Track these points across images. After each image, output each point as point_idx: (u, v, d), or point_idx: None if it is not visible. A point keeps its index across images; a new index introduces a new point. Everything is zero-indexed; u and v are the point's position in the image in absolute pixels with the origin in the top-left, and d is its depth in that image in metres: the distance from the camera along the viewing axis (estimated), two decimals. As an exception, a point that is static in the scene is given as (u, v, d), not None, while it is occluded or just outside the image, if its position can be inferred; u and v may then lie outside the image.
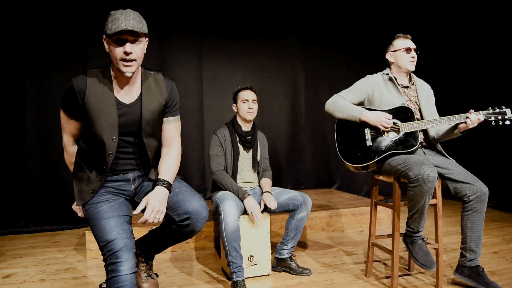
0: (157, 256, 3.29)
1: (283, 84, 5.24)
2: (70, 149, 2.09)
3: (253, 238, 2.95)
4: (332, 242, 3.84)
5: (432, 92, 2.86)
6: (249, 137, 3.10)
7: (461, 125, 2.56)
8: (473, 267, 2.59)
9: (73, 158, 2.07)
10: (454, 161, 2.68)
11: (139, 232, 2.64)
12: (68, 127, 2.03)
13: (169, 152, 2.10)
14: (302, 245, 3.78)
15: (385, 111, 2.68)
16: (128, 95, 1.96)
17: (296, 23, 5.22)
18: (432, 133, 2.73)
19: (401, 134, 2.62)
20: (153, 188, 1.97)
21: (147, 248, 2.13)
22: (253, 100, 3.06)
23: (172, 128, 2.09)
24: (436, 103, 2.86)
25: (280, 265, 3.08)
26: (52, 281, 3.00)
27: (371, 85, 2.78)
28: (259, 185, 3.20)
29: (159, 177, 2.00)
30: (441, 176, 2.62)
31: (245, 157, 3.11)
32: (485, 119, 2.49)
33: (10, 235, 4.25)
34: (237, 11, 4.98)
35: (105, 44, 1.88)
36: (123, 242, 1.78)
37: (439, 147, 2.77)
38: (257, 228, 2.95)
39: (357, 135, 2.71)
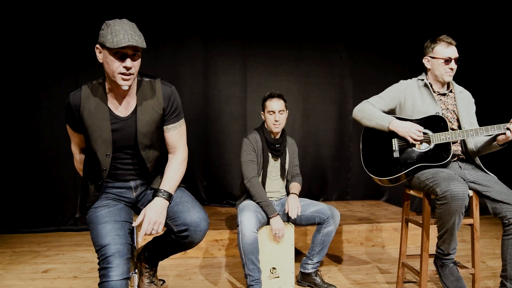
0: (186, 262, 3.37)
1: (330, 91, 5.07)
2: (78, 156, 2.12)
3: (276, 250, 2.86)
4: (369, 258, 3.62)
5: (472, 100, 2.60)
6: (278, 145, 2.99)
7: (501, 137, 2.28)
8: None
9: (81, 165, 2.10)
10: (495, 177, 2.40)
11: (147, 238, 2.64)
12: (74, 139, 2.04)
13: (173, 159, 2.03)
14: (336, 259, 3.61)
15: (416, 120, 2.46)
16: (123, 107, 1.90)
17: (344, 29, 5.03)
18: (471, 145, 2.46)
19: (431, 146, 2.40)
20: (153, 198, 1.94)
21: (150, 255, 2.12)
22: (280, 111, 2.93)
23: (173, 135, 2.01)
24: (478, 113, 2.59)
25: (304, 279, 2.95)
26: (83, 279, 3.11)
27: (404, 91, 2.58)
28: (287, 194, 3.08)
29: (160, 187, 1.95)
30: (479, 194, 2.36)
31: (273, 165, 3.02)
32: None
33: (59, 232, 4.49)
34: (283, 17, 4.91)
35: (99, 55, 1.79)
36: (116, 248, 1.78)
37: (478, 161, 2.49)
38: (281, 240, 2.85)
39: (384, 145, 2.53)
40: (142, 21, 4.51)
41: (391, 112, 2.64)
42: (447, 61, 2.44)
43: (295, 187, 3.03)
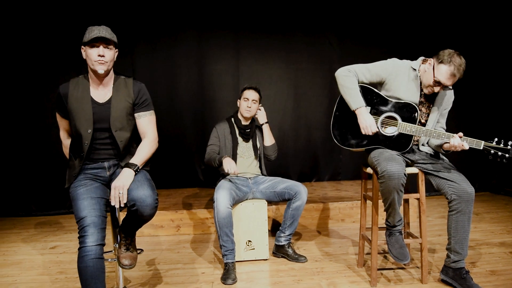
0: (179, 238, 3.81)
1: (320, 76, 5.28)
2: (65, 141, 2.53)
3: (251, 225, 3.17)
4: (348, 233, 3.90)
5: (452, 99, 2.64)
6: (248, 130, 3.33)
7: (446, 145, 2.45)
8: (456, 269, 2.53)
9: (67, 149, 2.48)
10: (447, 160, 2.63)
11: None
12: (62, 124, 2.47)
13: (143, 142, 2.41)
14: (316, 234, 3.90)
15: (391, 101, 2.59)
16: (102, 96, 2.32)
17: (333, 19, 5.22)
18: (423, 138, 2.66)
19: (396, 132, 2.59)
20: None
21: (123, 227, 2.45)
22: (253, 100, 3.25)
23: (143, 122, 2.41)
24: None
25: (278, 251, 3.26)
26: (84, 253, 3.48)
27: (392, 73, 2.57)
28: (262, 174, 3.37)
29: (130, 161, 2.35)
30: (425, 172, 2.60)
31: (244, 146, 3.34)
32: (483, 149, 2.39)
33: (70, 214, 4.86)
34: (273, 8, 5.13)
35: (83, 53, 2.26)
36: (91, 219, 2.12)
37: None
38: (256, 215, 3.15)
39: (355, 117, 2.63)
40: (140, 16, 4.89)
41: (373, 84, 2.66)
42: (437, 83, 2.45)
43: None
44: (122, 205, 2.23)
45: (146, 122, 2.44)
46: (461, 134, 2.37)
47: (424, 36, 5.21)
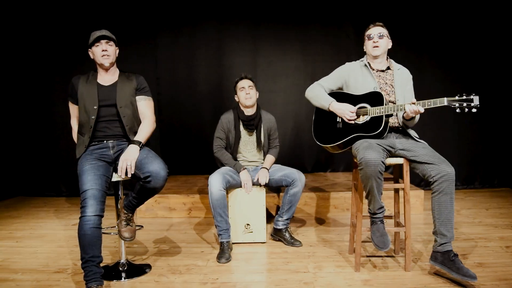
0: (189, 220, 4.06)
1: (336, 67, 5.30)
2: (75, 127, 2.86)
3: (250, 209, 3.34)
4: (351, 222, 3.98)
5: (410, 77, 2.90)
6: (252, 120, 3.43)
7: (404, 114, 2.64)
8: (444, 253, 2.55)
9: (76, 134, 2.80)
10: (426, 144, 2.71)
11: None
12: (73, 111, 2.83)
13: (143, 123, 2.73)
14: (318, 222, 4.03)
15: (358, 95, 2.82)
16: (107, 81, 2.73)
17: (351, 10, 5.27)
18: (401, 118, 2.78)
19: (368, 118, 2.75)
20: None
21: (127, 203, 2.69)
22: (249, 86, 3.39)
23: (142, 105, 2.76)
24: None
25: (276, 234, 3.43)
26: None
27: (348, 71, 2.94)
28: (262, 163, 3.53)
29: (134, 138, 2.68)
30: (408, 159, 2.68)
31: (248, 139, 3.47)
32: (449, 105, 2.48)
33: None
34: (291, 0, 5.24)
35: (90, 54, 2.72)
36: (92, 192, 2.40)
37: (411, 131, 2.81)
38: (254, 200, 3.33)
39: (331, 117, 2.92)
40: (162, 7, 5.13)
41: (339, 89, 3.02)
42: (369, 38, 2.84)
43: (268, 160, 3.48)
44: (129, 176, 2.53)
45: (145, 105, 2.78)
46: (414, 100, 2.55)
47: (439, 28, 5.17)
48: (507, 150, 5.28)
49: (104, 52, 2.63)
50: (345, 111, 2.79)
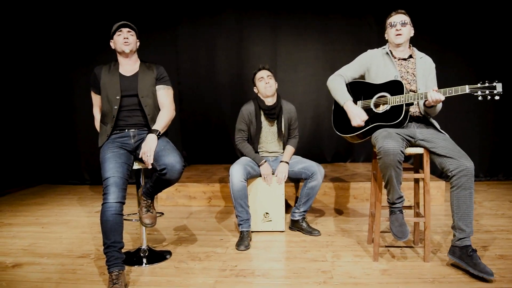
0: (209, 209, 4.17)
1: (357, 56, 5.27)
2: (97, 116, 2.92)
3: (269, 198, 3.37)
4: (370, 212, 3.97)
5: (433, 65, 2.84)
6: (273, 109, 3.41)
7: (426, 102, 2.58)
8: (462, 247, 2.53)
9: (98, 123, 2.86)
10: (447, 135, 2.66)
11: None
12: (95, 101, 2.90)
13: (162, 112, 2.76)
14: (338, 212, 4.03)
15: (379, 84, 2.79)
16: (128, 71, 2.77)
17: (373, 1, 5.20)
18: (422, 107, 2.75)
19: (388, 107, 2.72)
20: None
21: (146, 190, 2.75)
22: (268, 76, 3.37)
23: (162, 94, 2.79)
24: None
25: (293, 225, 3.45)
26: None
27: (370, 58, 2.89)
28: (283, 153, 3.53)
29: (153, 127, 2.72)
30: (428, 150, 2.65)
31: (269, 130, 3.46)
32: (470, 93, 2.44)
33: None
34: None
35: (112, 45, 2.78)
36: (114, 180, 2.46)
37: (432, 120, 2.77)
38: (273, 189, 3.35)
39: None
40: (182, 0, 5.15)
41: (361, 77, 2.98)
42: (392, 25, 2.77)
43: (288, 152, 3.44)
44: (150, 167, 2.58)
45: (164, 94, 2.81)
46: (435, 88, 2.52)
47: (461, 17, 5.07)
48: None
49: (125, 39, 2.70)
50: (356, 118, 2.77)
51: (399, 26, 2.75)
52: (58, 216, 4.06)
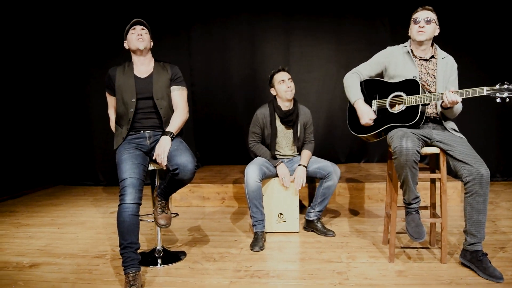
0: (223, 209, 4.19)
1: (370, 56, 5.21)
2: (112, 117, 2.93)
3: (283, 199, 3.36)
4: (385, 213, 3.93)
5: (455, 66, 2.74)
6: (290, 116, 3.35)
7: (442, 103, 2.53)
8: (473, 252, 2.52)
9: (113, 123, 2.86)
10: (464, 139, 2.61)
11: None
12: (110, 102, 2.90)
13: (176, 113, 2.75)
14: (352, 213, 4.01)
15: (395, 83, 2.75)
16: (143, 72, 2.76)
17: (386, 2, 5.16)
18: (439, 108, 2.70)
19: (403, 107, 2.68)
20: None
21: (160, 191, 2.76)
22: (289, 79, 3.33)
23: (176, 95, 2.78)
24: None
25: (308, 226, 3.43)
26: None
27: (389, 56, 2.82)
28: (299, 153, 3.50)
29: (166, 129, 2.72)
30: (444, 152, 2.62)
31: (284, 135, 3.41)
32: (489, 95, 2.39)
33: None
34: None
35: (125, 45, 2.78)
36: (130, 181, 2.47)
37: (450, 123, 2.72)
38: (287, 190, 3.34)
39: None
40: (194, 1, 5.17)
41: (379, 75, 2.92)
42: (416, 21, 2.67)
43: (305, 156, 3.38)
44: (164, 168, 2.60)
45: (178, 95, 2.81)
46: (452, 89, 2.45)
47: (478, 20, 5.00)
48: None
49: (139, 36, 2.69)
50: (364, 117, 2.76)
51: (423, 23, 2.65)
52: (74, 217, 4.10)
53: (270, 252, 3.00)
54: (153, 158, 2.60)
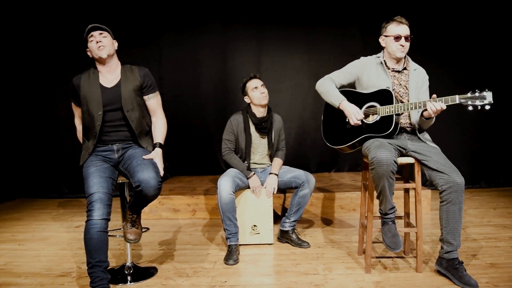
0: (193, 221, 4.04)
1: (341, 66, 5.24)
2: (79, 127, 2.78)
3: (257, 210, 3.29)
4: (357, 222, 3.93)
5: (426, 77, 2.80)
6: (264, 123, 3.32)
7: (425, 113, 2.54)
8: (449, 260, 2.53)
9: (81, 134, 2.73)
10: (438, 149, 2.64)
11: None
12: (77, 112, 2.74)
13: (157, 121, 2.71)
14: (325, 222, 3.98)
15: (368, 93, 2.76)
16: (110, 81, 2.58)
17: (356, 12, 5.24)
18: (413, 119, 2.72)
19: (378, 117, 2.68)
20: (153, 149, 2.64)
21: (130, 205, 2.63)
22: (262, 85, 3.30)
23: (152, 103, 2.70)
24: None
25: (283, 236, 3.37)
26: (105, 232, 3.74)
27: (362, 67, 2.82)
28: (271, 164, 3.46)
29: (154, 141, 2.67)
30: (419, 162, 2.63)
31: (259, 142, 3.38)
32: (461, 103, 2.42)
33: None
34: (296, 0, 5.21)
35: (89, 54, 2.60)
36: (98, 196, 2.34)
37: (425, 134, 2.75)
38: (261, 201, 3.28)
39: (340, 117, 2.84)
40: (166, 8, 5.08)
41: (350, 85, 2.93)
42: (397, 38, 2.66)
43: (276, 164, 3.38)
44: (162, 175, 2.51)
45: (155, 102, 2.73)
46: (434, 96, 2.45)
47: (444, 29, 5.14)
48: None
49: (99, 43, 2.49)
50: (352, 115, 2.71)
51: (404, 41, 2.67)
52: (36, 232, 3.88)
53: (245, 265, 2.92)
54: (116, 176, 2.53)
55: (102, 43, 2.49)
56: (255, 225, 3.32)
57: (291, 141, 5.34)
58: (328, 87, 2.87)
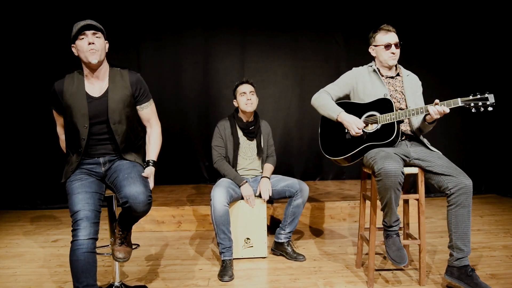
0: (179, 234, 3.84)
1: (326, 73, 5.20)
2: (62, 136, 2.53)
3: (250, 222, 3.15)
4: (349, 232, 3.87)
5: (419, 83, 2.80)
6: (252, 127, 3.25)
7: (427, 117, 2.52)
8: (461, 267, 2.44)
9: (64, 143, 2.50)
10: (440, 153, 2.60)
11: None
12: (59, 121, 2.47)
13: (152, 133, 2.51)
14: (316, 233, 3.88)
15: (366, 103, 2.69)
16: (97, 89, 2.32)
17: (339, 18, 5.21)
18: (414, 125, 2.67)
19: (378, 126, 2.62)
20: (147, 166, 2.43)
21: (119, 221, 2.44)
22: (250, 91, 3.21)
23: (146, 112, 2.47)
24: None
25: (277, 248, 3.25)
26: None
27: (356, 77, 2.80)
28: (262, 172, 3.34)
29: (147, 158, 2.46)
30: (423, 169, 2.56)
31: (247, 146, 3.28)
32: (463, 106, 2.38)
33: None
34: (280, 6, 5.14)
35: (74, 50, 2.27)
36: (84, 214, 2.12)
37: (423, 138, 2.71)
38: (254, 213, 3.14)
39: (338, 128, 2.76)
40: (146, 13, 4.92)
41: (346, 97, 2.86)
42: (387, 46, 2.67)
43: (268, 169, 3.29)
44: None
45: (149, 112, 2.50)
46: (437, 101, 2.41)
47: (430, 36, 5.17)
48: (493, 156, 5.30)
49: (92, 46, 2.20)
50: (352, 125, 2.63)
51: (394, 48, 2.68)
52: (9, 247, 3.61)
53: (240, 282, 2.78)
54: (103, 190, 2.33)
55: (94, 46, 2.21)
56: (248, 238, 3.18)
57: (276, 148, 5.17)
58: (324, 101, 2.80)
